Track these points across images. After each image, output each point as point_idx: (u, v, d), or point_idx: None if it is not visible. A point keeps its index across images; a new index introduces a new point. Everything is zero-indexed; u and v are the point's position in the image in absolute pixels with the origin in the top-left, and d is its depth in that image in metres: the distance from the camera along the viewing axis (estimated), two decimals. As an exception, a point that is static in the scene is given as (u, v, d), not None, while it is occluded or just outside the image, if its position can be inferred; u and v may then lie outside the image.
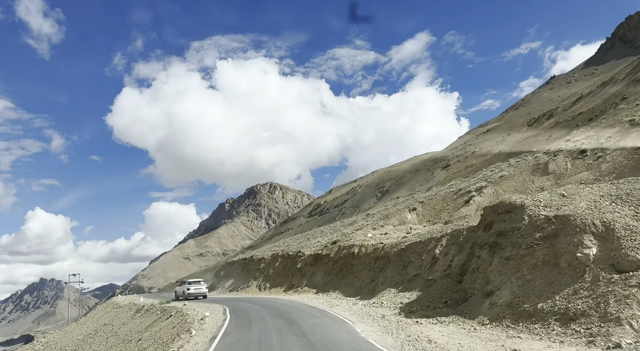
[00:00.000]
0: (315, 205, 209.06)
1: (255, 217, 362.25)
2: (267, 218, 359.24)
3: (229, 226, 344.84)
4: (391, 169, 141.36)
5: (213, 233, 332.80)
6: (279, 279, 40.25)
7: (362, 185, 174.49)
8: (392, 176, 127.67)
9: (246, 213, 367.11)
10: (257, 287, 41.22)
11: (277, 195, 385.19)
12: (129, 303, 36.29)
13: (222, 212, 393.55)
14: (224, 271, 52.29)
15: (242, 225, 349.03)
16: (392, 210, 43.63)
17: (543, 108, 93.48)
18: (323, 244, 39.44)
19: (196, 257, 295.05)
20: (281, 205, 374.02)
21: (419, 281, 20.79)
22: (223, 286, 46.66)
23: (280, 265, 41.40)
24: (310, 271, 37.47)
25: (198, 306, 27.94)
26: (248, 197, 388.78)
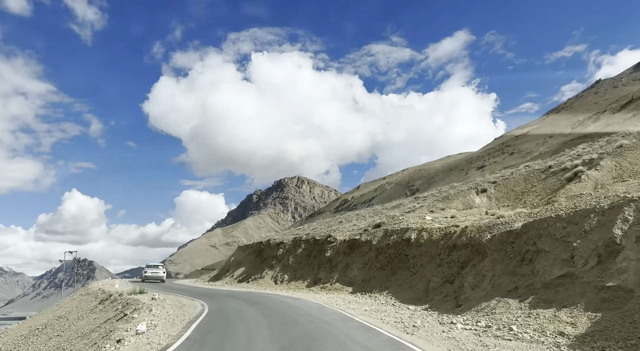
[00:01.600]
0: (343, 200, 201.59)
1: (282, 209, 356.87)
2: (294, 211, 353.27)
3: (256, 217, 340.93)
4: (422, 168, 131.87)
5: (240, 224, 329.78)
6: (301, 270, 30.13)
7: (391, 182, 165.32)
8: (423, 175, 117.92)
9: (273, 206, 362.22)
10: (272, 279, 31.32)
11: (305, 189, 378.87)
12: (98, 289, 27.36)
13: (250, 203, 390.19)
14: (235, 257, 42.54)
15: (268, 217, 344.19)
16: (453, 192, 32.60)
17: (589, 111, 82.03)
18: (361, 228, 29.02)
19: (222, 245, 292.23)
20: (308, 199, 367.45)
21: (577, 288, 10.08)
22: (232, 275, 37.10)
23: (303, 253, 31.30)
24: (344, 263, 27.16)
25: (174, 302, 18.24)
26: (276, 190, 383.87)
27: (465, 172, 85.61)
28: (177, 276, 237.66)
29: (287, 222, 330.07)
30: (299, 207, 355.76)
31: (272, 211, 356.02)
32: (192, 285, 36.32)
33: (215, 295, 22.78)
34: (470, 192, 30.93)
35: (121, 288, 25.50)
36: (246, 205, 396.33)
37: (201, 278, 47.62)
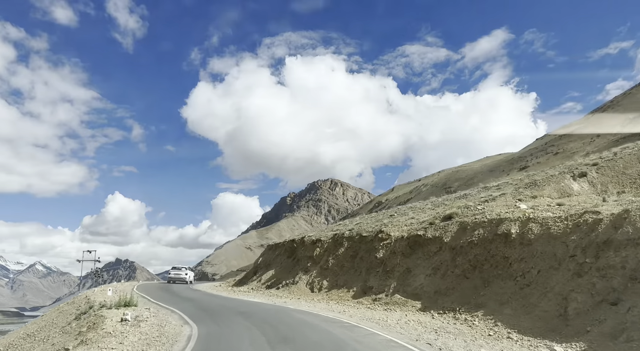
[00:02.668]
0: (377, 202, 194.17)
1: (315, 212, 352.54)
2: (327, 214, 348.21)
3: (289, 219, 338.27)
4: (460, 169, 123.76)
5: (274, 226, 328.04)
6: (345, 275, 23.22)
7: (427, 184, 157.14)
8: (461, 176, 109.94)
9: (306, 208, 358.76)
10: (308, 285, 24.58)
11: (338, 191, 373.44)
12: (84, 298, 21.66)
13: (284, 205, 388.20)
14: (264, 258, 35.81)
15: (302, 219, 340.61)
16: (540, 178, 24.80)
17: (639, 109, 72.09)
18: (424, 221, 21.82)
19: (257, 247, 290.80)
20: (341, 201, 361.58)
21: None
22: (259, 279, 30.65)
23: (346, 253, 24.41)
24: (403, 266, 20.08)
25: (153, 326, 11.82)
26: (309, 192, 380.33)
27: (507, 172, 78.71)
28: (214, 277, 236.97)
29: (321, 224, 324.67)
30: (332, 209, 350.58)
31: (305, 213, 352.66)
32: (211, 291, 30.26)
33: (226, 311, 16.11)
34: (563, 176, 23.09)
35: (112, 296, 19.55)
36: (280, 207, 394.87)
37: (227, 281, 41.68)
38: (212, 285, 38.10)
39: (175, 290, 29.27)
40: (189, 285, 36.49)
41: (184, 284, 36.45)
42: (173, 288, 30.58)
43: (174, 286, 32.92)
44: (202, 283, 44.51)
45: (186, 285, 36.29)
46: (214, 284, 40.68)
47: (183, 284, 36.44)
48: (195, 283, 42.06)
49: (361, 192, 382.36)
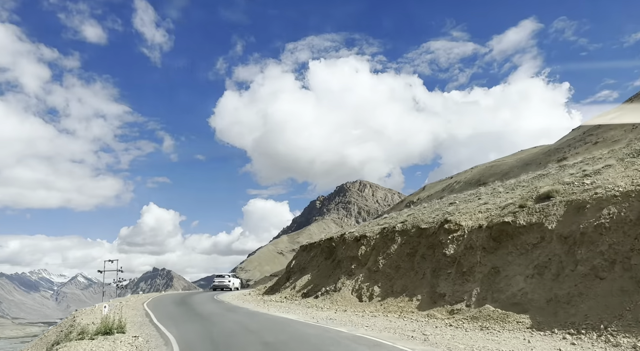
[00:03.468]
0: (408, 202, 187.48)
1: (345, 214, 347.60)
2: (357, 216, 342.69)
3: (320, 223, 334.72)
4: (494, 164, 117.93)
5: (304, 230, 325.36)
6: (402, 279, 18.02)
7: (459, 181, 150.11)
8: (496, 171, 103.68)
9: (336, 211, 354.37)
10: (354, 293, 19.52)
11: (367, 193, 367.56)
12: (72, 318, 17.49)
13: (313, 209, 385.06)
14: (297, 261, 30.63)
15: (332, 222, 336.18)
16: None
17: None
18: (509, 204, 16.38)
19: (289, 252, 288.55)
20: (371, 203, 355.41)
21: None
22: (293, 286, 25.79)
23: (401, 251, 19.26)
24: (487, 266, 14.70)
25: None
26: (338, 195, 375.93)
27: (544, 165, 72.47)
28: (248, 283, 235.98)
29: (351, 226, 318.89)
30: (362, 211, 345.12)
31: (335, 216, 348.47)
32: (237, 301, 25.41)
33: (244, 340, 10.98)
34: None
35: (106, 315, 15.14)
36: (310, 211, 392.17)
37: (257, 289, 37.20)
38: (240, 294, 33.66)
39: (193, 302, 24.83)
40: (232, 290, 37.29)
41: (227, 291, 36.99)
42: (191, 301, 26.17)
43: (193, 298, 28.61)
44: (231, 292, 40.36)
45: (211, 295, 32.84)
46: (243, 292, 36.24)
47: (220, 292, 36.01)
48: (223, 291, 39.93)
49: (391, 193, 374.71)
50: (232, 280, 38.71)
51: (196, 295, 34.41)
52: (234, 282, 38.32)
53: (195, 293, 38.97)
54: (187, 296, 31.79)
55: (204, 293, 37.14)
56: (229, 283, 37.73)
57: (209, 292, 41.63)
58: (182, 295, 33.49)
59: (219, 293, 34.93)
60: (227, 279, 38.39)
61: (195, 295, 34.42)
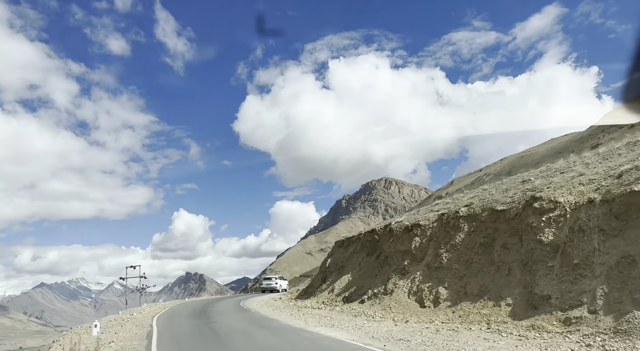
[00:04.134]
0: (436, 197, 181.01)
1: (372, 212, 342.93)
2: (384, 213, 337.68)
3: (347, 222, 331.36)
4: (524, 155, 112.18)
5: (332, 229, 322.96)
6: (478, 277, 13.53)
7: (489, 173, 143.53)
8: (527, 162, 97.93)
9: (363, 209, 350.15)
10: (412, 296, 15.24)
11: (393, 190, 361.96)
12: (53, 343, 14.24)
13: (339, 208, 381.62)
14: (333, 259, 26.55)
15: (359, 221, 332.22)
16: None
17: None
18: (630, 168, 11.99)
19: (317, 252, 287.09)
20: (397, 199, 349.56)
21: None
22: (331, 289, 21.74)
23: (470, 240, 14.79)
24: (613, 256, 10.30)
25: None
26: (364, 193, 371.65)
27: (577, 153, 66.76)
28: None
29: (379, 224, 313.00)
30: (389, 208, 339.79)
31: (362, 214, 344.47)
32: (266, 309, 21.21)
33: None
34: None
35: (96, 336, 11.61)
36: (336, 210, 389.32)
37: (289, 292, 33.53)
38: (270, 298, 29.91)
39: (215, 312, 21.06)
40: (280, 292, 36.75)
41: (268, 293, 36.85)
42: (213, 310, 22.49)
43: (217, 307, 25.01)
44: (261, 296, 36.67)
45: (237, 302, 29.85)
46: (274, 296, 32.49)
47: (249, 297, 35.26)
48: (253, 295, 38.11)
49: (417, 189, 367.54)
50: (280, 281, 38.30)
51: (222, 301, 30.93)
52: (282, 284, 37.84)
53: (222, 299, 35.56)
54: (211, 303, 28.25)
55: (232, 299, 33.70)
56: (276, 285, 37.35)
57: (237, 297, 38.55)
58: (206, 303, 29.91)
59: (247, 298, 31.64)
60: (275, 281, 38.17)
61: (220, 301, 30.91)
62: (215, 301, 31.78)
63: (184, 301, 34.88)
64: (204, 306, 25.09)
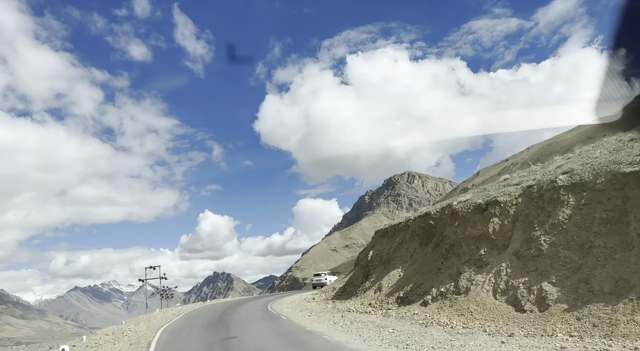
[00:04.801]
0: (462, 189, 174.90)
1: (396, 207, 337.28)
2: (408, 207, 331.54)
3: (371, 218, 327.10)
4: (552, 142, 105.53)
5: (356, 225, 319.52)
6: (604, 268, 9.18)
7: (516, 163, 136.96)
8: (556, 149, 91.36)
9: (386, 204, 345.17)
10: (501, 296, 11.06)
11: (417, 184, 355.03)
12: None
13: (363, 204, 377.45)
14: (376, 251, 22.22)
15: (383, 216, 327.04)
16: None
17: None
18: None
19: (342, 248, 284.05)
20: (421, 193, 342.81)
21: None
22: (378, 288, 17.40)
23: (582, 217, 10.49)
24: None
25: None
26: (387, 188, 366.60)
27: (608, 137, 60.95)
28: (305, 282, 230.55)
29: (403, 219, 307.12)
30: (413, 202, 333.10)
31: (386, 209, 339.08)
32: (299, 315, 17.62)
33: None
34: None
35: None
36: (359, 206, 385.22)
37: (322, 291, 29.56)
38: (302, 299, 26.05)
39: (236, 320, 17.46)
40: None
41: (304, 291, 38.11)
42: (235, 317, 18.73)
43: (240, 311, 21.50)
44: (291, 296, 32.84)
45: (265, 304, 26.79)
46: (306, 296, 28.58)
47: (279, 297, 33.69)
48: (281, 295, 35.97)
49: (442, 182, 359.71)
50: (329, 277, 38.93)
51: (247, 303, 27.32)
52: (331, 279, 37.87)
53: (247, 300, 31.94)
54: (235, 306, 25.13)
55: (258, 300, 30.25)
56: (325, 281, 37.69)
57: (264, 297, 36.29)
58: (228, 306, 26.77)
59: (276, 299, 28.31)
60: (324, 277, 39.01)
61: (245, 303, 27.31)
62: (239, 303, 28.25)
63: (205, 305, 31.55)
64: (225, 312, 21.77)
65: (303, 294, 33.49)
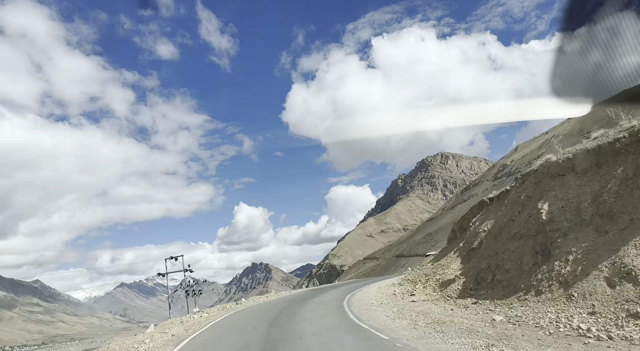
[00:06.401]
0: (501, 166, 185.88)
1: (430, 189, 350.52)
2: (443, 189, 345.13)
3: (405, 201, 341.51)
4: (594, 110, 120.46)
5: (390, 210, 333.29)
6: None
7: (557, 135, 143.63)
8: (599, 117, 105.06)
9: (420, 187, 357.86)
10: None
11: (451, 164, 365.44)
12: None
13: (396, 188, 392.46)
14: (552, 203, 13.08)
15: (418, 199, 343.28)
16: None
17: None
18: None
19: (378, 234, 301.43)
20: (456, 174, 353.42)
21: None
22: (561, 277, 10.85)
23: None
24: None
25: None
26: (420, 171, 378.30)
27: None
28: (342, 269, 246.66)
29: (439, 200, 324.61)
30: (448, 183, 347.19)
31: (420, 192, 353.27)
32: (398, 332, 10.52)
33: None
34: None
35: None
36: (392, 191, 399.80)
37: (405, 278, 23.47)
38: (380, 295, 20.52)
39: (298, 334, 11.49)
40: None
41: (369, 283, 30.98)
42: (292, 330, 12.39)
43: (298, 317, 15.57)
44: (365, 289, 26.41)
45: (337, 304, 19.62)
46: (382, 287, 23.94)
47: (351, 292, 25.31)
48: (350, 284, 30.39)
49: (476, 160, 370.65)
50: None
51: (305, 305, 20.18)
52: None
53: (304, 302, 22.70)
54: (289, 311, 18.03)
55: (319, 298, 23.58)
56: None
57: (324, 293, 27.70)
58: (279, 310, 19.09)
59: (352, 294, 22.89)
60: None
61: (303, 306, 19.99)
62: (294, 306, 20.67)
63: (245, 307, 24.78)
64: (273, 324, 14.44)
65: (382, 284, 26.98)
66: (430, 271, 20.90)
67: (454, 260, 19.47)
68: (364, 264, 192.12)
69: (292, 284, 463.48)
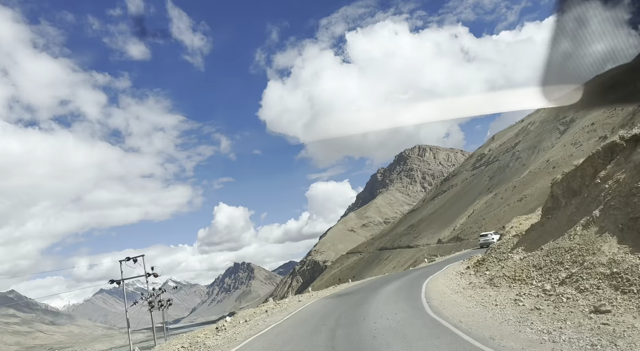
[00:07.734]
0: (478, 156, 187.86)
1: (409, 182, 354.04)
2: (422, 181, 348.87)
3: (385, 195, 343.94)
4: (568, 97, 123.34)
5: (371, 204, 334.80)
6: None
7: (533, 122, 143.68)
8: None
9: (399, 180, 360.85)
10: None
11: (428, 156, 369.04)
12: None
13: (375, 182, 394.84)
14: None
15: (397, 192, 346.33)
16: None
17: None
18: None
19: (360, 228, 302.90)
20: (434, 165, 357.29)
21: None
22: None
23: None
24: None
25: None
26: (398, 164, 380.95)
27: None
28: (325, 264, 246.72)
29: (418, 192, 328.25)
30: (426, 175, 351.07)
31: (399, 185, 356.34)
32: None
33: None
34: None
35: None
36: (372, 185, 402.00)
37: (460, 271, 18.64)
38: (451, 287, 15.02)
39: None
40: None
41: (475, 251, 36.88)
42: None
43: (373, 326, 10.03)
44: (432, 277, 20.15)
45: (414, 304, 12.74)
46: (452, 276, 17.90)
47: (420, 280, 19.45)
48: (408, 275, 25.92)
49: (453, 152, 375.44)
50: (494, 236, 38.56)
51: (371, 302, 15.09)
52: (495, 238, 37.08)
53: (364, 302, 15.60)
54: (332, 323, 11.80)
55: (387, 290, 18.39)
56: (492, 240, 37.04)
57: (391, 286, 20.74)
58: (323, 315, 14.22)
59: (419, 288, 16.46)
60: (491, 237, 39.45)
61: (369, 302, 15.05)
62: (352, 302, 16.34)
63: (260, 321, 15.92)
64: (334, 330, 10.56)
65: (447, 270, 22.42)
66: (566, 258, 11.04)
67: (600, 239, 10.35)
68: (348, 259, 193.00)
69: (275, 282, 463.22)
